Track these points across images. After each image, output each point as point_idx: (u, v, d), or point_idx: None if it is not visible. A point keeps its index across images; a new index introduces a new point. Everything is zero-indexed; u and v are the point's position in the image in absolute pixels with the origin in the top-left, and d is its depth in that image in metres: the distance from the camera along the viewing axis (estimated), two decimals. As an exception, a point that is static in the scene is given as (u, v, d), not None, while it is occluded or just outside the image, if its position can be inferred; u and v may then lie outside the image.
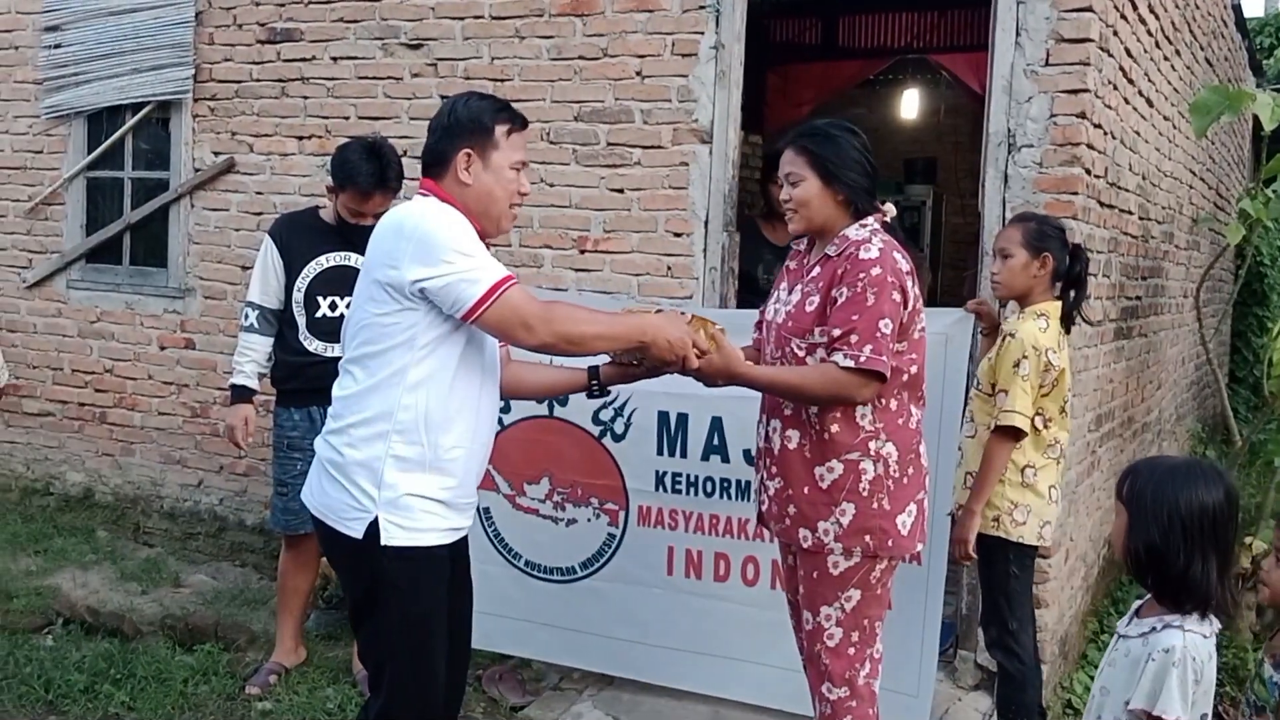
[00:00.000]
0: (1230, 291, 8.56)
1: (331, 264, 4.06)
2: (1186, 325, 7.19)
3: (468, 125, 2.69)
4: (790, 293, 2.99)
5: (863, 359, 2.73)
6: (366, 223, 3.90)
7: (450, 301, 2.55)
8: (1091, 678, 4.58)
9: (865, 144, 2.96)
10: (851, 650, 2.90)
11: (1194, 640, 2.10)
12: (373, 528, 2.62)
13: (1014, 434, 3.45)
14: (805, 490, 2.87)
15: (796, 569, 3.01)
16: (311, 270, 4.05)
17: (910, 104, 9.67)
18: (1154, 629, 2.14)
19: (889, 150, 10.37)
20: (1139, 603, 2.28)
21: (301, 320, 4.06)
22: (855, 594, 2.87)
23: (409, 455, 2.63)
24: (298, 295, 4.05)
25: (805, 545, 2.89)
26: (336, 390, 2.74)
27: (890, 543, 2.87)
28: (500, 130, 2.71)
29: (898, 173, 9.52)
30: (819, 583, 2.89)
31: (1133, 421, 5.64)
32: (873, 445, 2.85)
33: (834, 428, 2.83)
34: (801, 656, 3.05)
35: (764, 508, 3.05)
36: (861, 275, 2.78)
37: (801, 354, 2.86)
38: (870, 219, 2.92)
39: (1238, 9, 8.08)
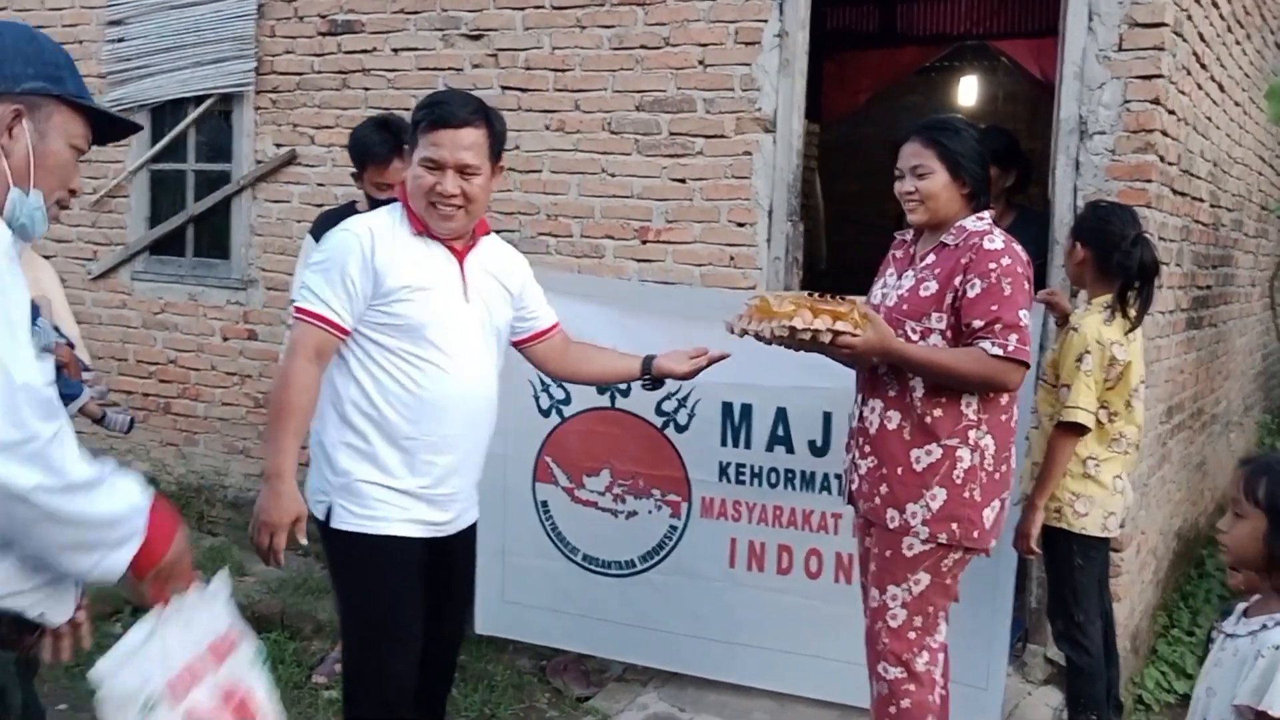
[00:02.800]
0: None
1: None
2: (1254, 315, 7.05)
3: (411, 124, 2.85)
4: (900, 278, 3.05)
5: (1010, 348, 2.81)
6: (395, 195, 3.92)
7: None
8: (1162, 673, 4.54)
9: (979, 138, 3.06)
10: (912, 634, 2.95)
11: None
12: (330, 511, 2.77)
13: (1077, 429, 3.41)
14: (899, 471, 2.92)
15: (868, 549, 3.04)
16: None
17: (968, 91, 9.54)
18: (1264, 626, 2.08)
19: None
20: (1245, 604, 2.21)
21: None
22: (925, 579, 2.93)
23: (356, 443, 2.77)
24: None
25: (891, 526, 2.93)
26: None
27: (975, 534, 2.92)
28: (420, 128, 2.79)
29: (955, 161, 9.38)
30: (891, 561, 2.95)
31: (1202, 413, 5.53)
32: (972, 435, 2.90)
33: (936, 412, 2.89)
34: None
35: (854, 486, 3.07)
36: (992, 266, 2.86)
37: (915, 337, 2.92)
38: (986, 212, 3.00)
39: (1310, -10, 7.86)
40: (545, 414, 4.19)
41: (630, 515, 4.13)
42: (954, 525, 2.89)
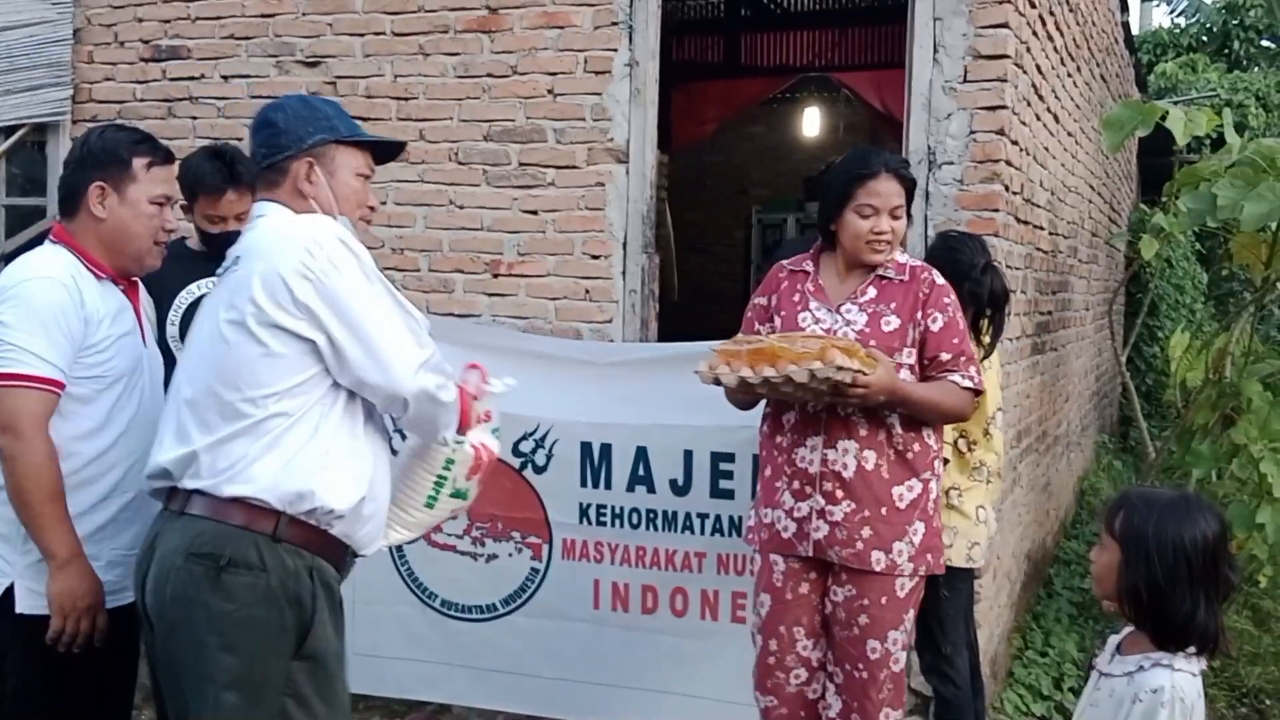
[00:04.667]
0: (1119, 303, 8.75)
1: (204, 291, 3.81)
2: (1089, 338, 7.31)
3: (102, 157, 2.61)
4: (836, 311, 2.98)
5: (975, 379, 2.95)
6: (230, 228, 3.69)
7: None
8: (1020, 696, 4.59)
9: None
10: (901, 670, 2.98)
11: (1183, 679, 2.02)
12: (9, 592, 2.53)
13: None
14: (883, 511, 2.89)
15: (846, 601, 2.92)
16: (183, 300, 3.81)
17: (811, 122, 9.72)
18: (1140, 668, 2.06)
19: (788, 168, 10.42)
20: (1117, 638, 2.19)
21: (179, 355, 3.81)
22: (912, 613, 2.98)
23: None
24: (172, 330, 3.79)
25: (878, 568, 2.88)
26: None
27: (940, 561, 3.02)
28: (139, 163, 2.62)
29: (798, 190, 9.54)
30: (887, 608, 2.90)
31: (1047, 435, 5.67)
32: (936, 464, 3.00)
33: (916, 446, 2.92)
34: (836, 694, 2.99)
35: (820, 535, 2.92)
36: (947, 300, 2.96)
37: None
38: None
39: (1126, 26, 8.28)
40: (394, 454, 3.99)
41: (490, 558, 3.99)
42: (929, 556, 2.96)
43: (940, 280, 3.00)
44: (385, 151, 2.65)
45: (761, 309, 3.14)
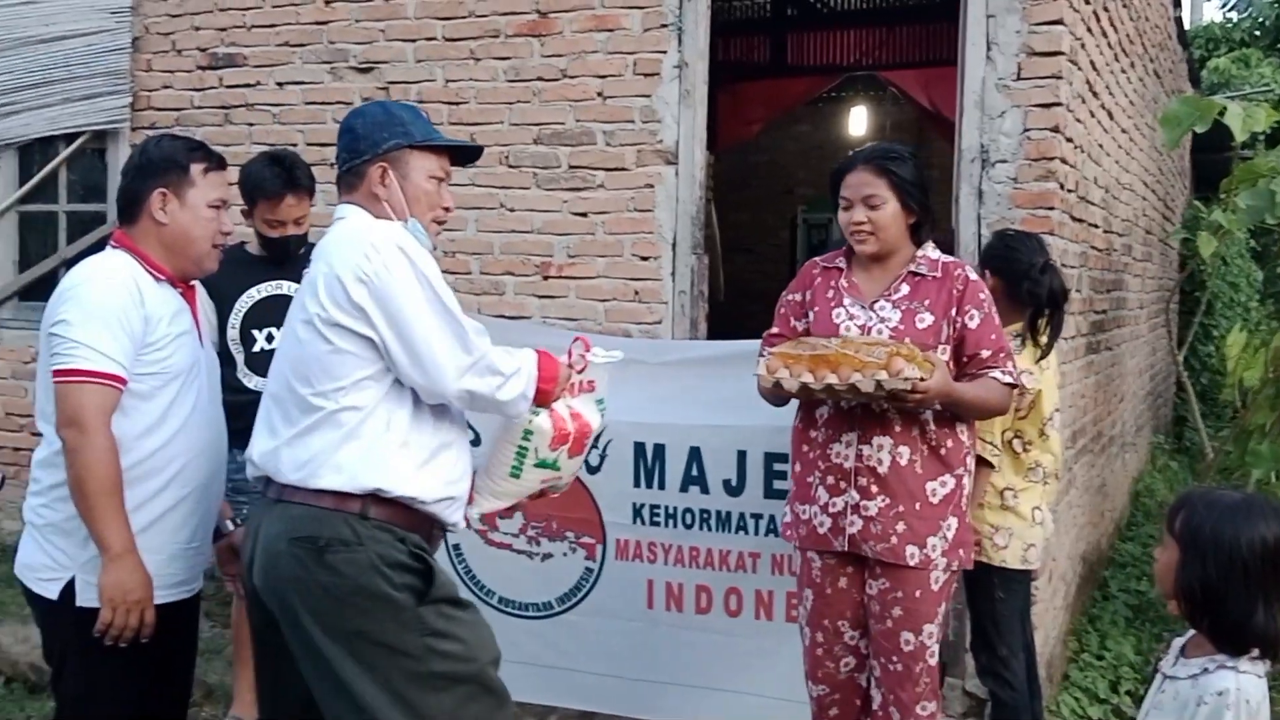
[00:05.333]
0: (1175, 301, 8.64)
1: (263, 295, 3.90)
2: (1143, 337, 7.22)
3: (161, 165, 2.67)
4: (869, 309, 2.98)
5: (1015, 375, 2.96)
6: (289, 232, 3.80)
7: (50, 354, 2.53)
8: (1076, 699, 4.54)
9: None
10: (936, 664, 2.98)
11: (1249, 681, 1.99)
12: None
13: (982, 462, 3.36)
14: (917, 506, 2.90)
15: (881, 594, 2.94)
16: (243, 304, 3.88)
17: (858, 121, 9.68)
18: (1205, 670, 2.03)
19: (833, 167, 10.37)
20: (1182, 640, 2.16)
21: (240, 357, 3.88)
22: (945, 607, 2.98)
23: None
24: (232, 333, 3.87)
25: (912, 563, 2.90)
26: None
27: (970, 556, 3.04)
28: (196, 169, 2.69)
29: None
30: (922, 601, 2.91)
31: (1101, 435, 5.61)
32: (968, 460, 3.00)
33: (949, 442, 2.93)
34: (875, 687, 3.01)
35: (855, 530, 2.93)
36: (982, 296, 2.99)
37: None
38: (930, 240, 3.04)
39: (1179, 21, 8.17)
40: None
41: (545, 557, 4.02)
42: (962, 551, 2.98)
43: (974, 276, 3.00)
44: (464, 155, 2.75)
45: (796, 304, 3.14)
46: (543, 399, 2.58)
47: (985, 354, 2.93)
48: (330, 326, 2.38)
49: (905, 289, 2.98)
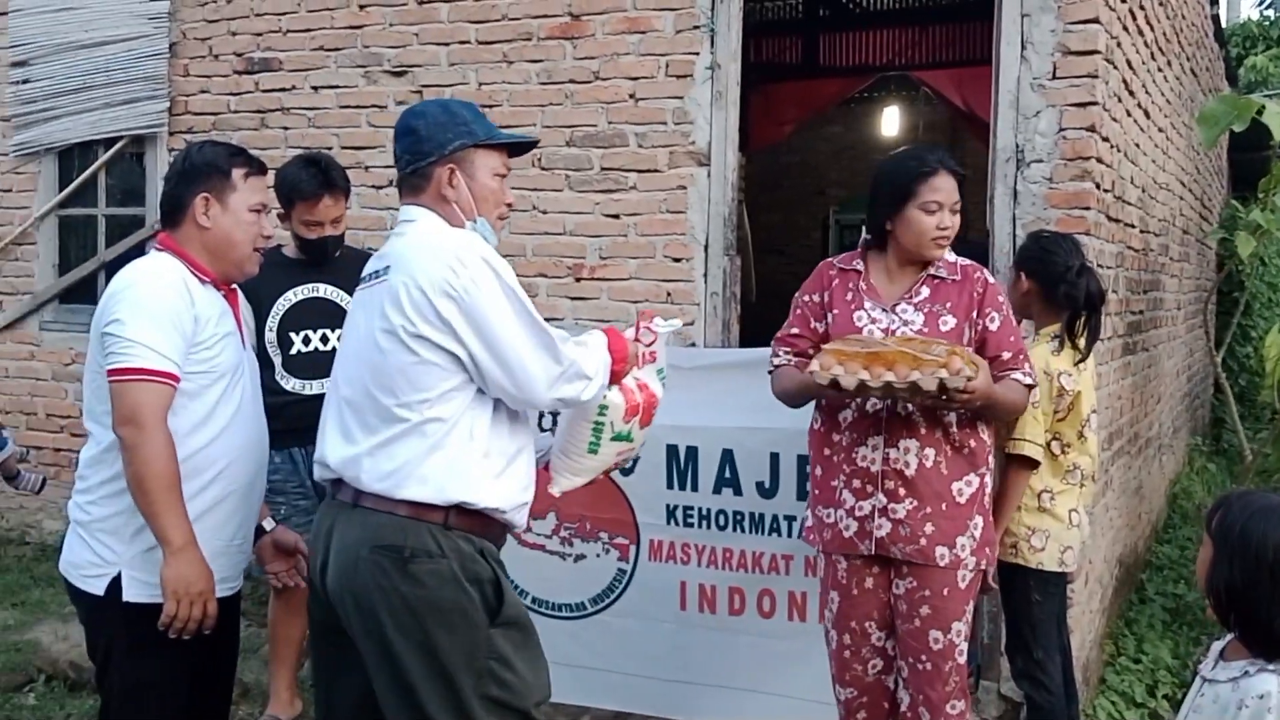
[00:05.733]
0: (1212, 302, 8.54)
1: (300, 297, 3.93)
2: (1180, 338, 7.15)
3: (204, 170, 2.70)
4: (892, 311, 2.99)
5: (1032, 376, 3.01)
6: (326, 233, 3.83)
7: (105, 354, 2.54)
8: (1113, 703, 4.50)
9: None
10: (964, 662, 3.00)
11: None
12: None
13: (1027, 462, 3.34)
14: (944, 506, 2.92)
15: (908, 594, 2.95)
16: (281, 306, 3.91)
17: (890, 121, 9.64)
18: (1245, 673, 2.01)
19: (866, 168, 10.30)
20: (1221, 643, 2.14)
21: (277, 359, 3.91)
22: (972, 604, 2.99)
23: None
24: (270, 335, 3.91)
25: (942, 564, 2.91)
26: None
27: (995, 554, 3.08)
28: (238, 173, 2.70)
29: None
30: (950, 599, 2.93)
31: (1138, 437, 5.56)
32: (990, 460, 3.03)
33: (972, 442, 2.96)
34: (903, 687, 3.02)
35: (883, 533, 2.94)
36: (1000, 298, 3.02)
37: None
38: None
39: (1216, 19, 8.08)
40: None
41: (578, 558, 4.03)
42: (988, 550, 3.01)
43: (992, 279, 3.02)
44: (519, 148, 2.80)
45: (815, 306, 3.11)
46: (615, 378, 2.65)
47: (1006, 355, 2.95)
48: (416, 339, 2.39)
49: (926, 291, 2.99)
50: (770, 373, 3.18)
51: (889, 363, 2.74)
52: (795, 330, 3.14)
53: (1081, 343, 3.42)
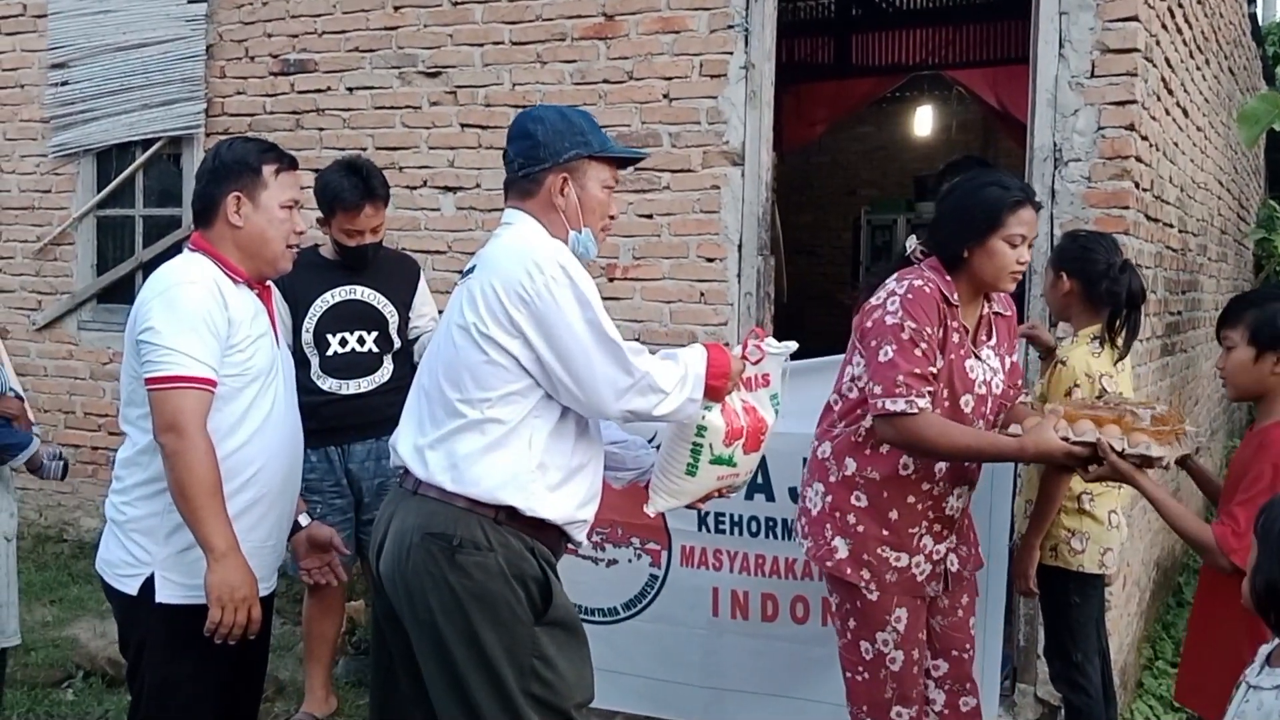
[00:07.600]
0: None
1: (338, 299, 3.94)
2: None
3: (235, 168, 2.68)
4: (982, 359, 2.91)
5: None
6: (366, 241, 3.85)
7: (141, 362, 2.55)
8: (1150, 707, 4.45)
9: None
10: None
11: None
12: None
13: (1063, 467, 3.30)
14: (971, 520, 3.14)
15: (950, 605, 3.05)
16: (318, 308, 3.93)
17: (923, 121, 9.58)
18: None
19: (898, 168, 10.29)
20: (1267, 649, 2.11)
21: (314, 360, 3.93)
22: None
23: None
24: (307, 336, 3.92)
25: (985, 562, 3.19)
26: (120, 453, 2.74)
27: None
28: (268, 170, 2.69)
29: (909, 190, 9.41)
30: (973, 606, 3.11)
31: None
32: None
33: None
34: (937, 687, 3.07)
35: (955, 569, 3.02)
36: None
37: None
38: None
39: (1253, 18, 7.99)
40: None
41: (611, 563, 4.01)
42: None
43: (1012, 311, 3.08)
44: (626, 161, 2.81)
45: (936, 341, 2.79)
46: (714, 395, 2.58)
47: (1020, 382, 3.08)
48: (485, 339, 2.43)
49: (996, 332, 2.97)
50: (899, 414, 2.74)
51: (1127, 428, 2.70)
52: (931, 369, 2.78)
53: (1120, 340, 3.38)
